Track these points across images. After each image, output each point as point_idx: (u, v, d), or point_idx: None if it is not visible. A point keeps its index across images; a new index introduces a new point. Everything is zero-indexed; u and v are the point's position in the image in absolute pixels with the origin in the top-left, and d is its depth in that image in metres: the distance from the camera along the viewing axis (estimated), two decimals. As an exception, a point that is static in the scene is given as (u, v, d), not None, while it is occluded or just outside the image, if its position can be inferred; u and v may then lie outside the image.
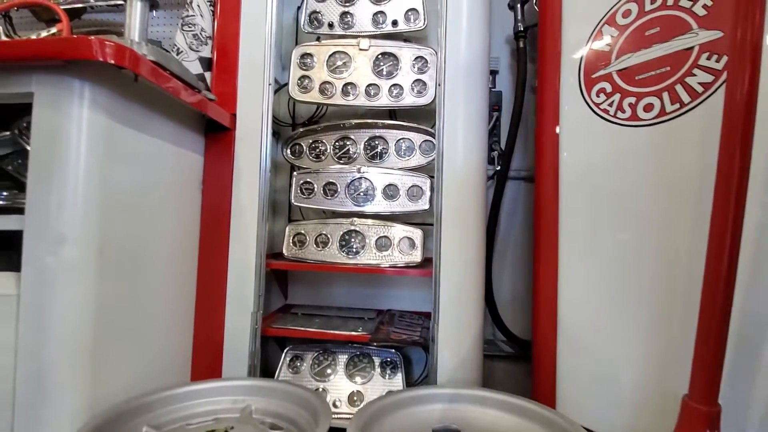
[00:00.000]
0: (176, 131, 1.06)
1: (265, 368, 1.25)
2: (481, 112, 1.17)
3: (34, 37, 1.31)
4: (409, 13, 1.27)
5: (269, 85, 1.20)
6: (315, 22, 1.30)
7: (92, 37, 0.74)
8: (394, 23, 1.27)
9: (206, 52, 1.21)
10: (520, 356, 1.48)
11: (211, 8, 1.22)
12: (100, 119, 0.82)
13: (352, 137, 1.28)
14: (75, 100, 0.79)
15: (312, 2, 1.30)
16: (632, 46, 0.96)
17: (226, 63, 1.20)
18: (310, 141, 1.30)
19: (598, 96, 1.00)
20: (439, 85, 1.15)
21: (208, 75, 1.21)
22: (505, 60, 1.59)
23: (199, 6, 1.20)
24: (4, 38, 1.34)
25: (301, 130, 1.29)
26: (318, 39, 1.30)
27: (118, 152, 0.87)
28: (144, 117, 0.94)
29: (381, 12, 1.27)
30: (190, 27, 1.19)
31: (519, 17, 1.40)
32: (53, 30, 1.34)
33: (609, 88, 0.98)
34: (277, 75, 1.28)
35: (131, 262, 0.93)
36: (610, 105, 0.98)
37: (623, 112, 0.96)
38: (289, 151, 1.30)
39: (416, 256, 1.18)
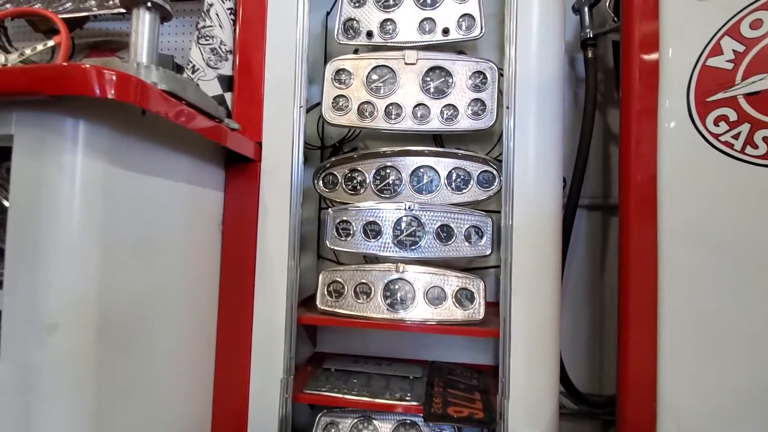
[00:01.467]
0: (192, 167, 0.88)
1: (294, 429, 1.07)
2: (557, 137, 0.97)
3: (29, 51, 1.14)
4: (463, 20, 1.08)
5: (300, 107, 1.02)
6: (351, 31, 1.11)
7: (87, 66, 0.56)
8: (445, 32, 1.07)
9: (226, 68, 1.03)
10: (583, 413, 1.29)
11: (232, 17, 1.04)
12: (98, 167, 0.64)
13: (395, 166, 1.09)
14: (67, 144, 0.61)
15: (347, 8, 1.11)
16: (766, 65, 0.76)
17: (250, 82, 1.02)
18: (346, 170, 1.11)
19: (716, 125, 0.80)
20: (507, 107, 0.95)
21: (228, 96, 1.03)
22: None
23: (218, 15, 1.02)
24: (-6, 52, 1.16)
25: (334, 159, 1.10)
26: (355, 51, 1.11)
27: (121, 205, 0.69)
28: (153, 156, 0.76)
29: (429, 19, 1.08)
30: (207, 40, 1.01)
31: (587, 22, 1.20)
32: (50, 43, 1.16)
33: (733, 116, 0.78)
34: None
35: (139, 333, 0.75)
36: (735, 137, 0.78)
37: (755, 147, 0.76)
38: (321, 182, 1.11)
39: (477, 312, 0.99)
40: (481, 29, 1.06)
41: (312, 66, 1.29)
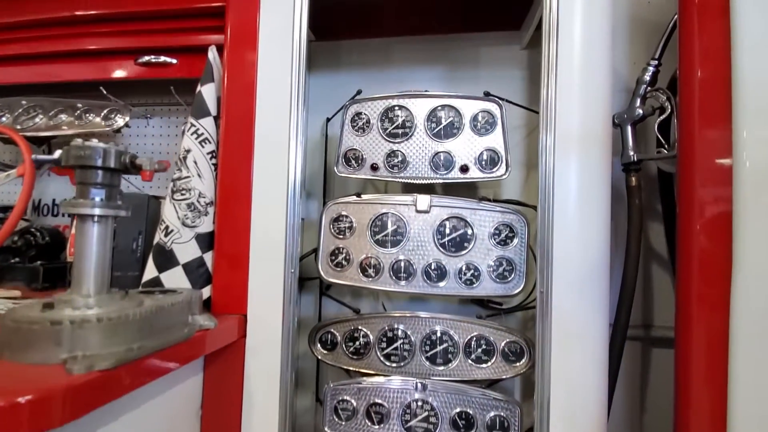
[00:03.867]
0: (165, 378, 0.73)
1: None
2: (602, 324, 0.80)
3: (-13, 184, 1.00)
4: (485, 155, 0.91)
5: (292, 272, 0.86)
6: (353, 162, 0.95)
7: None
8: (464, 169, 0.91)
9: (206, 224, 0.88)
10: None
11: (214, 162, 0.88)
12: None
13: (405, 329, 0.93)
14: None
15: (349, 136, 0.96)
16: None
17: (234, 242, 0.86)
18: (349, 329, 0.95)
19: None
20: (542, 292, 0.78)
21: (209, 256, 0.88)
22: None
23: (196, 162, 0.86)
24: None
25: (336, 320, 0.95)
26: (358, 195, 0.95)
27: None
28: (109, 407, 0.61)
29: (444, 152, 0.92)
30: (183, 194, 0.86)
31: (630, 143, 1.01)
32: (13, 174, 1.03)
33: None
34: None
35: None
36: None
37: None
38: (318, 343, 0.96)
39: None
40: (507, 167, 0.89)
41: (310, 180, 1.15)
